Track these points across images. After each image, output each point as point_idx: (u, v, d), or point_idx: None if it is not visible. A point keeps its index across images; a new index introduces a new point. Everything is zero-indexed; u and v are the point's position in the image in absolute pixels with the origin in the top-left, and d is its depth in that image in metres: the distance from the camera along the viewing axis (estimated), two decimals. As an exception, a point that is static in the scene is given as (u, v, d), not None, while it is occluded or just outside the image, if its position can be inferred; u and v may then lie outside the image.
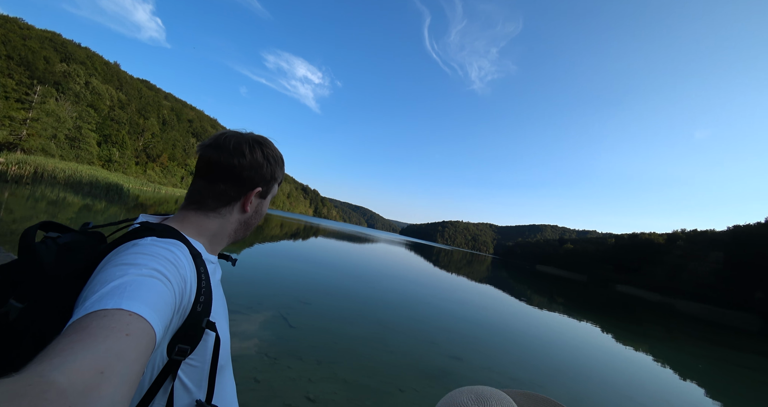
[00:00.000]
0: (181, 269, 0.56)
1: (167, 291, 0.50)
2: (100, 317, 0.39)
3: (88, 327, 0.37)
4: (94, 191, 25.96)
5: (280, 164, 0.85)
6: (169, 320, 0.50)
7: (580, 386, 6.29)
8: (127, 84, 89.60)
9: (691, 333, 21.09)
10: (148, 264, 0.50)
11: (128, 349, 0.37)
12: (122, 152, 71.79)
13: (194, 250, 0.65)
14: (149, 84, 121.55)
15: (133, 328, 0.39)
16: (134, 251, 0.53)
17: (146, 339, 0.41)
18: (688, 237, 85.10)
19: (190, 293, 0.58)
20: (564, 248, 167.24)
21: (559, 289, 35.77)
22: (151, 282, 0.48)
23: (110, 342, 0.36)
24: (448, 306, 11.23)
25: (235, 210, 0.79)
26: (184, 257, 0.59)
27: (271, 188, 0.85)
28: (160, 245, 0.57)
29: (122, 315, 0.40)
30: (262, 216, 0.87)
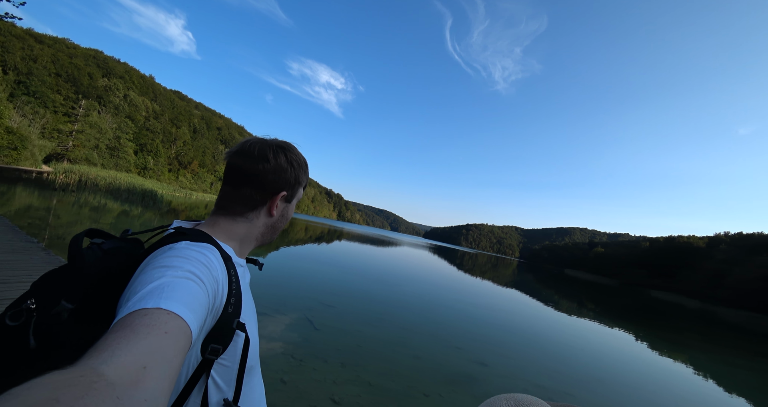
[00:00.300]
0: (214, 271, 0.60)
1: (201, 292, 0.53)
2: (142, 315, 0.42)
3: (131, 325, 0.40)
4: (131, 197, 27.49)
5: (304, 168, 0.87)
6: (204, 319, 0.53)
7: (613, 397, 6.02)
8: (161, 95, 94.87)
9: (735, 342, 19.72)
10: (183, 266, 0.54)
11: (167, 346, 0.40)
12: (156, 160, 75.68)
13: (225, 253, 0.68)
14: (181, 94, 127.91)
15: (171, 326, 0.42)
16: (170, 255, 0.57)
17: (183, 336, 0.44)
18: (732, 240, 79.52)
19: (222, 294, 0.61)
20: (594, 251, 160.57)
21: (588, 294, 34.37)
22: (186, 283, 0.51)
23: (151, 339, 0.39)
24: (473, 311, 11.06)
25: (261, 214, 0.82)
26: (216, 259, 0.63)
27: (296, 192, 0.87)
28: (193, 248, 0.61)
29: (161, 313, 0.43)
30: (288, 220, 0.89)
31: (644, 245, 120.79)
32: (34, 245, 5.54)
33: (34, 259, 4.81)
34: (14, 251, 5.02)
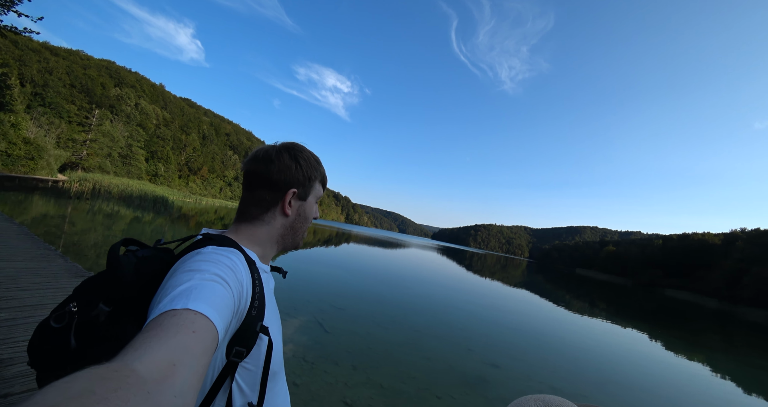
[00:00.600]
0: (239, 274, 0.63)
1: (227, 294, 0.56)
2: (171, 316, 0.45)
3: (162, 324, 0.43)
4: (143, 204, 28.03)
5: (313, 164, 0.87)
6: (229, 321, 0.55)
7: (631, 400, 5.92)
8: (171, 103, 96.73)
9: (756, 342, 19.19)
10: (210, 269, 0.57)
11: (195, 344, 0.43)
12: (167, 167, 76.94)
13: (249, 258, 0.72)
14: (190, 102, 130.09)
15: (198, 326, 0.45)
16: (198, 259, 0.60)
17: (210, 336, 0.46)
18: (749, 237, 77.11)
19: (246, 297, 0.64)
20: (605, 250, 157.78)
21: (600, 294, 33.82)
22: (213, 285, 0.54)
23: (180, 337, 0.42)
24: (483, 312, 10.99)
25: (277, 215, 0.84)
26: (240, 263, 0.66)
27: (310, 189, 0.87)
28: (220, 252, 0.65)
29: (189, 314, 0.46)
30: (310, 219, 0.89)
31: (657, 243, 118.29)
32: (52, 253, 5.68)
33: (52, 266, 4.94)
34: (33, 258, 5.16)
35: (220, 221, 29.38)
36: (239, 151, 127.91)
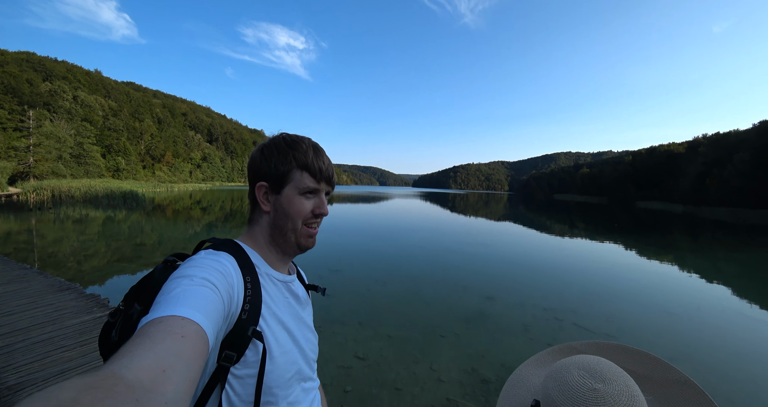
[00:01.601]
0: (228, 277, 0.64)
1: (216, 298, 0.57)
2: (157, 323, 0.46)
3: (148, 332, 0.44)
4: (112, 202, 26.71)
5: (282, 151, 0.78)
6: (220, 325, 0.57)
7: (612, 306, 6.53)
8: (113, 90, 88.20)
9: (718, 238, 21.12)
10: (198, 274, 0.58)
11: (185, 349, 0.43)
12: (128, 159, 72.46)
13: (244, 261, 0.71)
14: (135, 85, 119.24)
15: (187, 331, 0.46)
16: (188, 265, 0.62)
17: (200, 340, 0.47)
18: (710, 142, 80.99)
19: (237, 300, 0.65)
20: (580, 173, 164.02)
21: (579, 215, 35.80)
22: (201, 290, 0.55)
23: (168, 344, 0.42)
24: (473, 250, 11.52)
25: (261, 213, 0.81)
26: (231, 266, 0.67)
27: (285, 180, 0.78)
28: (210, 257, 0.66)
29: (176, 319, 0.47)
30: (295, 215, 0.78)
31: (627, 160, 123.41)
32: (30, 271, 5.48)
33: (33, 285, 4.79)
34: (11, 281, 4.97)
35: (198, 206, 28.66)
36: (200, 129, 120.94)
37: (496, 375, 3.85)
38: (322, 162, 0.80)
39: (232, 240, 0.76)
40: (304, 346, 0.82)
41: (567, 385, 0.48)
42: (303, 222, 0.79)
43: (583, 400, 0.45)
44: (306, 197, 0.79)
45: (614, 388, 0.46)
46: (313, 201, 0.80)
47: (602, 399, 0.44)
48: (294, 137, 0.81)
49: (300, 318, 0.83)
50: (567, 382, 0.48)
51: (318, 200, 0.81)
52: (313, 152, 0.79)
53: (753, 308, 6.87)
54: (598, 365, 0.50)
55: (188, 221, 18.48)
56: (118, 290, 6.32)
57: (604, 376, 0.47)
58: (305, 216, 0.79)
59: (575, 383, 0.47)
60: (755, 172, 56.71)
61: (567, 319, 5.67)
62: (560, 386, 0.48)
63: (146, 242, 11.72)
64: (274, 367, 0.70)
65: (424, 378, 3.72)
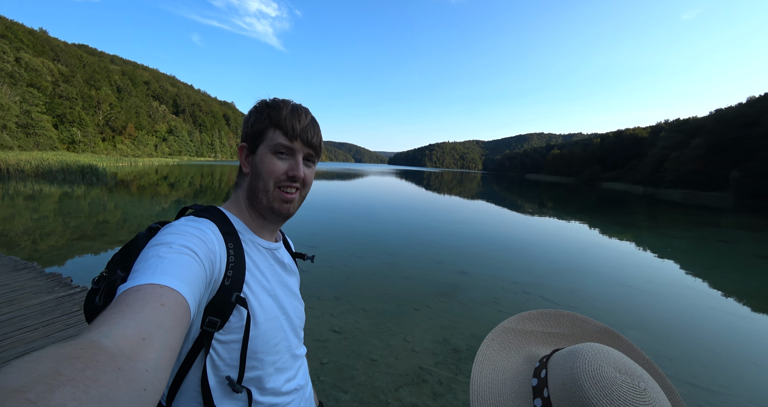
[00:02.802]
0: (209, 244, 0.63)
1: (196, 265, 0.56)
2: (135, 292, 0.45)
3: (126, 301, 0.43)
4: (69, 177, 24.77)
5: (261, 110, 0.76)
6: (201, 292, 0.56)
7: (576, 280, 6.95)
8: (63, 53, 79.44)
9: (671, 217, 22.65)
10: (177, 241, 0.57)
11: (165, 317, 0.42)
12: (84, 131, 67.24)
13: (226, 228, 0.71)
14: (89, 49, 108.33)
15: (167, 299, 0.45)
16: (166, 232, 0.61)
17: (180, 308, 0.46)
18: (671, 127, 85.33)
19: (219, 267, 0.64)
20: (551, 154, 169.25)
21: (548, 194, 37.22)
22: (180, 258, 0.54)
23: (147, 312, 0.41)
24: (447, 227, 11.78)
25: (244, 176, 0.81)
26: (212, 233, 0.66)
27: (261, 139, 0.75)
28: (189, 224, 0.65)
29: (154, 287, 0.46)
30: (265, 174, 0.75)
31: (596, 142, 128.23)
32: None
33: (-18, 262, 4.45)
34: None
35: (165, 181, 27.34)
36: (165, 100, 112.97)
37: (466, 345, 4.05)
38: (297, 121, 0.75)
39: (214, 207, 0.75)
40: (290, 313, 0.82)
41: (609, 388, 0.45)
42: (276, 184, 0.75)
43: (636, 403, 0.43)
44: (279, 157, 0.75)
45: (653, 385, 0.46)
46: (287, 163, 0.76)
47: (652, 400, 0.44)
48: (277, 99, 0.78)
49: (286, 285, 0.83)
50: (607, 384, 0.45)
51: (293, 162, 0.76)
52: (290, 111, 0.75)
53: (696, 280, 7.51)
54: (619, 358, 0.49)
55: (155, 197, 17.64)
56: (81, 268, 6.01)
57: (636, 372, 0.47)
58: (277, 177, 0.75)
59: (618, 384, 0.45)
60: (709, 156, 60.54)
61: (534, 292, 5.99)
62: (603, 391, 0.45)
63: (110, 219, 11.11)
64: (259, 333, 0.70)
65: (398, 349, 3.86)
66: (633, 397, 0.44)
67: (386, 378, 3.31)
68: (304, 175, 0.77)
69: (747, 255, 10.71)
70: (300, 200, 0.80)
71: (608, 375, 0.46)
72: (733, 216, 24.86)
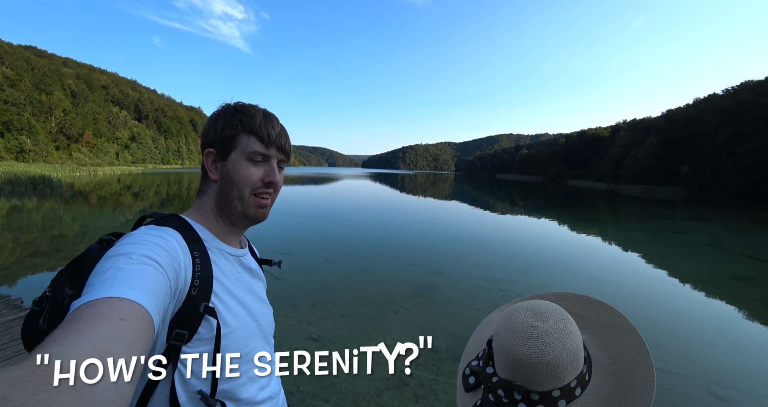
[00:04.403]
0: (173, 252, 0.59)
1: (160, 276, 0.53)
2: (90, 307, 0.41)
3: (80, 317, 0.39)
4: (19, 189, 22.85)
5: (230, 116, 0.74)
6: (166, 304, 0.53)
7: (548, 275, 7.21)
8: (8, 55, 73.35)
9: (631, 211, 24.01)
10: (137, 251, 0.53)
11: (125, 332, 0.39)
12: (34, 139, 62.68)
13: (190, 236, 0.67)
14: (38, 51, 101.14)
15: (127, 312, 0.42)
16: (125, 242, 0.56)
17: (142, 322, 0.43)
18: (629, 127, 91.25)
19: (185, 276, 0.61)
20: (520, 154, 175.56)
21: (518, 193, 38.53)
22: (141, 269, 0.50)
23: (105, 327, 0.38)
24: (421, 228, 11.89)
25: (210, 182, 0.77)
26: (176, 242, 0.62)
27: (231, 145, 0.73)
28: (151, 232, 0.61)
29: (113, 302, 0.42)
30: (240, 182, 0.73)
31: (561, 142, 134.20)
32: None
33: None
34: None
35: (128, 191, 25.96)
36: (126, 105, 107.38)
37: (445, 345, 4.08)
38: (272, 127, 0.75)
39: (175, 215, 0.72)
40: (260, 320, 0.79)
41: (512, 322, 0.55)
42: (252, 191, 0.75)
43: (522, 335, 0.52)
44: (254, 164, 0.74)
45: (550, 326, 0.53)
46: (263, 169, 0.75)
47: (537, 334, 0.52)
48: (244, 104, 0.77)
49: (254, 291, 0.81)
50: (513, 320, 0.55)
51: (268, 168, 0.76)
52: (263, 117, 0.75)
53: (657, 270, 7.98)
54: (542, 306, 0.56)
55: (118, 208, 16.70)
56: (33, 288, 5.57)
57: (545, 316, 0.54)
58: (253, 184, 0.74)
59: (519, 321, 0.54)
60: (661, 153, 64.96)
61: (510, 289, 6.14)
62: (507, 323, 0.55)
63: (66, 233, 10.39)
64: (231, 343, 0.67)
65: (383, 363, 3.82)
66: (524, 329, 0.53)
67: (367, 384, 3.27)
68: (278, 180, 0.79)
69: (697, 244, 11.53)
70: (272, 203, 0.81)
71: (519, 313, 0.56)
72: (684, 208, 26.69)
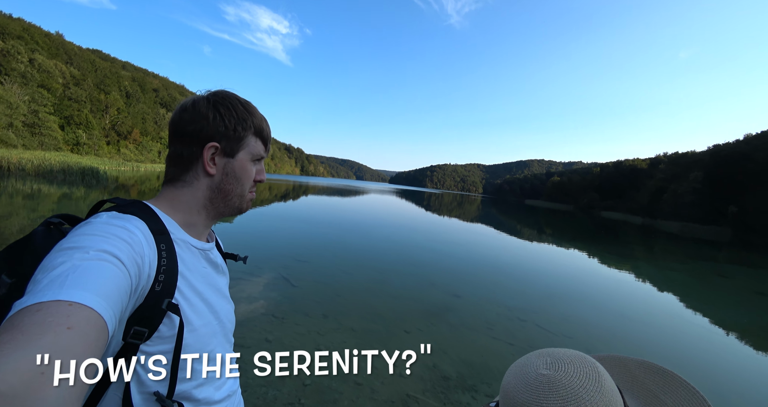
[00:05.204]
0: (137, 246, 0.53)
1: (120, 274, 0.47)
2: (33, 312, 0.35)
3: (20, 325, 0.34)
4: (70, 178, 24.72)
5: (240, 113, 0.72)
6: (124, 305, 0.47)
7: (571, 307, 6.77)
8: (77, 57, 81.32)
9: (669, 249, 22.54)
10: (96, 246, 0.47)
11: (72, 343, 0.34)
12: (90, 133, 67.78)
13: (157, 226, 0.61)
14: (102, 54, 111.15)
15: (75, 320, 0.36)
16: (82, 233, 0.49)
17: (93, 329, 0.38)
18: (670, 160, 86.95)
19: (149, 272, 0.55)
20: (551, 181, 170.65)
21: (547, 220, 37.19)
22: (98, 266, 0.44)
23: (48, 338, 0.33)
24: (443, 248, 11.63)
25: (200, 175, 0.72)
26: (140, 233, 0.56)
27: (240, 144, 0.73)
28: (113, 222, 0.53)
29: (60, 306, 0.36)
30: (244, 181, 0.76)
31: (595, 171, 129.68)
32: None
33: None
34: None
35: (165, 186, 27.22)
36: (172, 108, 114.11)
37: (456, 372, 3.86)
38: (269, 130, 0.81)
39: (140, 201, 0.65)
40: (222, 317, 0.74)
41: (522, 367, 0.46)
42: (249, 188, 0.79)
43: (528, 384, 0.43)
44: (253, 164, 0.78)
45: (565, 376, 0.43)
46: (256, 168, 0.80)
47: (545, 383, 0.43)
48: (244, 100, 0.77)
49: (217, 287, 0.76)
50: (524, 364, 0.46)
51: (260, 167, 0.81)
52: (262, 120, 0.79)
53: (696, 315, 7.33)
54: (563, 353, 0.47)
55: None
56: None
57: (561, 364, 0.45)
58: (251, 181, 0.79)
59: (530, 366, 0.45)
60: (706, 190, 61.15)
61: (530, 319, 5.80)
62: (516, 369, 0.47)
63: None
64: (193, 341, 0.63)
65: (384, 373, 3.65)
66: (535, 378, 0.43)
67: (370, 404, 3.12)
68: None
69: (746, 291, 10.55)
70: None
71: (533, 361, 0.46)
72: (729, 251, 24.76)
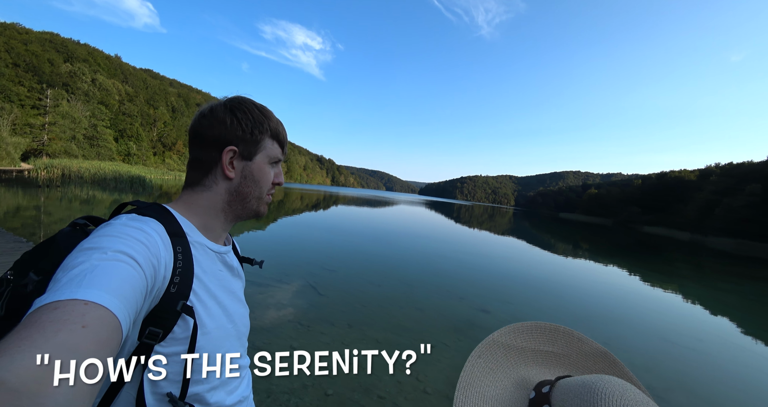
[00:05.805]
0: (153, 248, 0.55)
1: (136, 274, 0.48)
2: (51, 310, 0.37)
3: (37, 322, 0.35)
4: (120, 186, 27.00)
5: (256, 117, 0.75)
6: (139, 305, 0.49)
7: (611, 329, 6.37)
8: (131, 76, 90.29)
9: (721, 268, 20.72)
10: (113, 247, 0.48)
11: (85, 342, 0.35)
12: (139, 145, 73.65)
13: (174, 229, 0.63)
14: (153, 73, 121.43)
15: (90, 318, 0.37)
16: (101, 234, 0.52)
17: (107, 328, 0.39)
18: (722, 171, 80.00)
19: (164, 273, 0.57)
20: (587, 193, 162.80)
21: (583, 235, 35.39)
22: (115, 266, 0.46)
23: (62, 336, 0.34)
24: (473, 260, 11.37)
25: (219, 179, 0.74)
26: (157, 235, 0.58)
27: (257, 147, 0.75)
28: (131, 224, 0.56)
29: (76, 305, 0.38)
30: (262, 183, 0.77)
31: (636, 183, 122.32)
32: (23, 244, 5.51)
33: (24, 257, 4.82)
34: (4, 252, 4.99)
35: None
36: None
37: (483, 390, 3.72)
38: (285, 133, 0.83)
39: (158, 204, 0.68)
40: (236, 320, 0.76)
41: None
42: (267, 191, 0.81)
43: None
44: (271, 167, 0.80)
45: None
46: (274, 171, 0.81)
47: None
48: (260, 105, 0.79)
49: (232, 291, 0.78)
50: None
51: (278, 170, 0.82)
52: (278, 123, 0.81)
53: (757, 343, 6.65)
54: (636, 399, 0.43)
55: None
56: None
57: None
58: (269, 185, 0.80)
59: None
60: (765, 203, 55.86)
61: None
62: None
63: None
64: (206, 343, 0.64)
65: (408, 389, 3.61)
66: None
67: (390, 419, 3.07)
68: None
69: (815, 318, 9.44)
70: None
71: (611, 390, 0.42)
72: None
